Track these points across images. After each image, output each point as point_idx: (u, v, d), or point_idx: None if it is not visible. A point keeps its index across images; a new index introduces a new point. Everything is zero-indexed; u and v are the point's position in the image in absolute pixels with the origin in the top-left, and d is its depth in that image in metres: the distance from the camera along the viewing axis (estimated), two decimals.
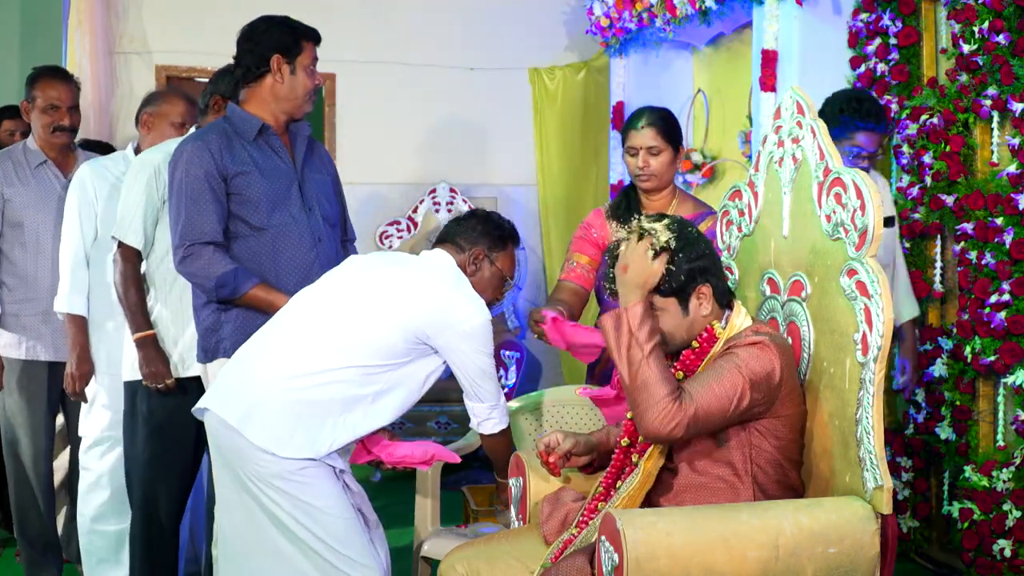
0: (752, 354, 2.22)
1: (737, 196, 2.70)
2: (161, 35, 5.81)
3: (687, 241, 2.30)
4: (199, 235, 2.80)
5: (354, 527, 2.50)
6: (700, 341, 2.33)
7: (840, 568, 2.13)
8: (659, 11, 4.91)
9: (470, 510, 3.81)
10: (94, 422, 3.48)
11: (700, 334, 2.33)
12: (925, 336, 3.87)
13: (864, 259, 2.21)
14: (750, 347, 2.24)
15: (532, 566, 2.39)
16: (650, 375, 2.17)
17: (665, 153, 3.18)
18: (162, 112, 3.49)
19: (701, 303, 2.32)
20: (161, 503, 3.16)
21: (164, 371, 3.08)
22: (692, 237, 2.32)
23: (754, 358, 2.21)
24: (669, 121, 3.22)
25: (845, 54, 4.20)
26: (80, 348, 3.43)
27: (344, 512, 2.49)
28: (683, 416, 2.14)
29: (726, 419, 2.21)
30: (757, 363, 2.21)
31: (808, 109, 2.42)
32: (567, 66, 6.20)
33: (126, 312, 3.14)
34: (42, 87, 3.62)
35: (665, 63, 5.47)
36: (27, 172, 3.63)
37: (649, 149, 3.17)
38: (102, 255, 3.42)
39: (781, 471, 2.29)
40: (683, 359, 2.34)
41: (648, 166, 3.17)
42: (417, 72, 6.05)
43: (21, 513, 3.67)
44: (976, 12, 3.60)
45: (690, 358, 2.33)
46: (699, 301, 2.32)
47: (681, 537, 2.06)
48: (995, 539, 3.41)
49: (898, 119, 3.99)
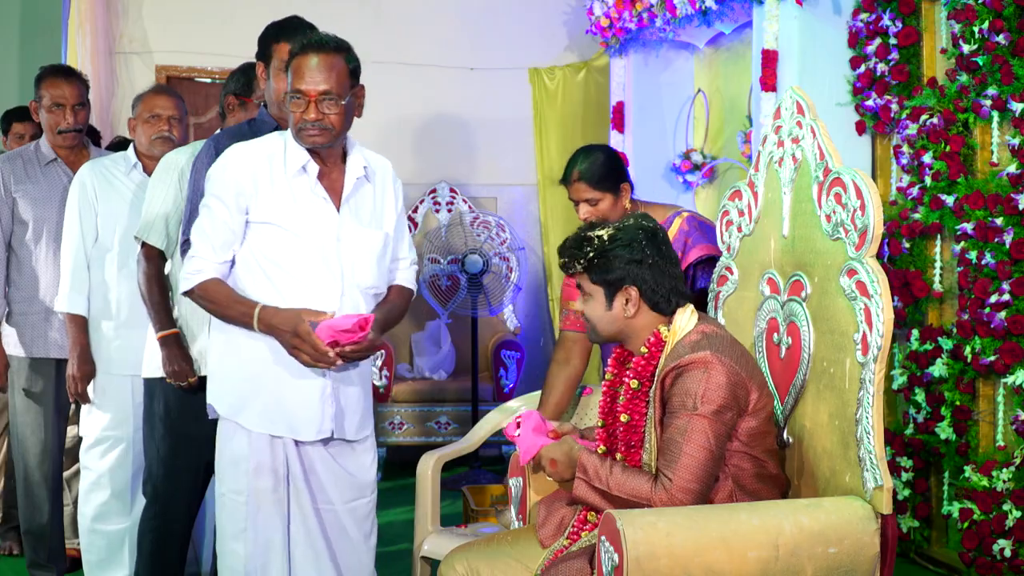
0: (702, 385, 2.19)
1: (737, 196, 2.70)
2: (161, 35, 5.82)
3: (627, 241, 2.32)
4: None
5: (237, 505, 2.57)
6: (648, 346, 2.33)
7: (840, 568, 2.13)
8: (659, 11, 4.91)
9: (470, 510, 3.81)
10: (94, 422, 3.47)
11: (648, 339, 2.34)
12: (925, 336, 3.87)
13: (864, 259, 2.21)
14: (695, 372, 2.21)
15: (531, 566, 2.39)
16: (622, 494, 2.22)
17: (604, 200, 3.06)
18: (139, 114, 3.49)
19: (627, 303, 2.33)
20: (174, 500, 3.15)
21: (187, 369, 3.09)
22: (637, 239, 2.32)
23: (708, 389, 2.19)
24: (598, 169, 3.06)
25: (845, 54, 4.21)
26: (81, 348, 3.43)
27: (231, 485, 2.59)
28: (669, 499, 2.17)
29: (715, 460, 2.21)
30: (713, 393, 2.19)
31: (808, 109, 2.42)
32: (567, 66, 6.20)
33: (150, 311, 3.15)
34: (47, 86, 3.63)
35: (665, 63, 5.48)
36: (37, 170, 3.63)
37: (587, 200, 3.08)
38: (101, 255, 3.43)
39: (757, 463, 2.29)
40: (635, 366, 2.34)
41: (591, 214, 3.08)
42: (417, 72, 6.05)
43: (27, 512, 3.67)
44: (976, 12, 3.60)
45: (640, 364, 2.34)
46: (624, 300, 2.33)
47: (681, 537, 2.06)
48: (995, 539, 3.41)
49: (898, 119, 3.99)
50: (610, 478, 2.23)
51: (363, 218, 2.64)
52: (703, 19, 4.64)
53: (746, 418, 2.26)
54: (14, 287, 3.63)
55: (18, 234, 3.62)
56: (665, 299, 2.33)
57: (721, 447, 2.21)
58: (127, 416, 3.43)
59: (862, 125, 4.20)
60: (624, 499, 2.21)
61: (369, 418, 2.74)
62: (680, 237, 3.05)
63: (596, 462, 2.27)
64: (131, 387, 3.39)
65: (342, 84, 2.53)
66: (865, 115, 4.17)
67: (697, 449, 2.17)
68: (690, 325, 2.32)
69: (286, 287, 2.54)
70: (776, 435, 2.37)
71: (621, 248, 2.32)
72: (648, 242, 2.33)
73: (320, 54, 2.50)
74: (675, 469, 2.17)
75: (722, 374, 2.21)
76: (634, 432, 2.33)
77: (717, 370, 2.20)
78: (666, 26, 4.95)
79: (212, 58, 5.91)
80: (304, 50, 2.51)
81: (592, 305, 2.37)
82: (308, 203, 2.56)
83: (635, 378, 2.33)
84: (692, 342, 2.27)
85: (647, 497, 2.18)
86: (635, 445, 2.33)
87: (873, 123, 4.15)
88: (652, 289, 2.32)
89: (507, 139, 6.21)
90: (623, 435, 2.35)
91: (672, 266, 2.36)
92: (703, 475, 2.18)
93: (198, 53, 5.84)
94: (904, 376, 3.96)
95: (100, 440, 3.46)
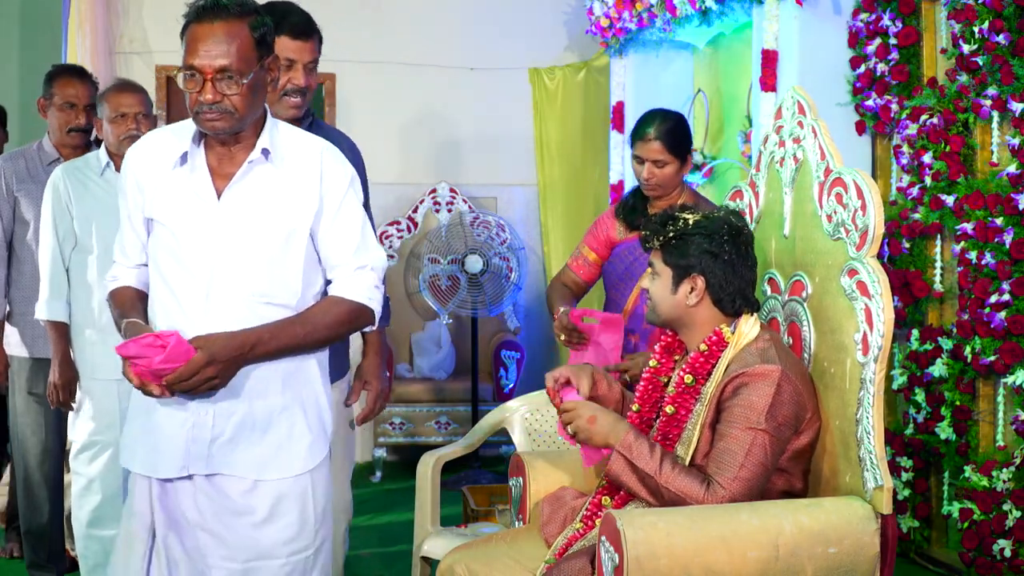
0: (768, 400, 2.18)
1: (738, 196, 2.70)
2: (161, 35, 5.81)
3: (710, 232, 2.30)
4: None
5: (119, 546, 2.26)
6: (709, 344, 2.31)
7: (840, 568, 2.13)
8: (659, 11, 4.91)
9: (470, 510, 3.81)
10: (82, 427, 3.40)
11: (709, 336, 2.32)
12: (925, 336, 3.87)
13: (865, 259, 2.21)
14: (763, 385, 2.19)
15: (530, 566, 2.38)
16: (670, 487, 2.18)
17: (671, 165, 3.18)
18: (106, 114, 3.41)
19: (692, 292, 2.31)
20: None
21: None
22: (719, 232, 2.31)
23: (773, 406, 2.18)
24: (677, 133, 3.21)
25: (845, 54, 4.20)
26: (62, 355, 3.36)
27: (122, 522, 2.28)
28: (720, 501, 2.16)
29: (768, 476, 2.21)
30: (777, 410, 2.19)
31: (809, 109, 2.42)
32: (567, 66, 6.20)
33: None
34: (60, 85, 3.62)
35: (665, 63, 5.47)
36: (39, 169, 3.62)
37: (655, 162, 3.18)
38: (83, 258, 3.36)
39: (787, 481, 2.29)
40: (692, 362, 2.32)
41: (653, 176, 3.19)
42: (417, 72, 6.05)
43: (27, 513, 3.66)
44: (976, 12, 3.59)
45: (699, 361, 2.32)
46: (690, 288, 2.32)
47: (681, 537, 2.06)
48: (995, 539, 3.41)
49: (898, 119, 3.99)
50: (661, 468, 2.19)
51: (255, 209, 2.15)
52: (703, 19, 4.64)
53: (798, 437, 2.26)
54: (15, 287, 3.62)
55: (19, 234, 3.60)
56: (730, 298, 2.31)
57: (775, 464, 2.22)
58: (114, 420, 3.34)
59: (862, 125, 4.20)
60: (671, 492, 2.18)
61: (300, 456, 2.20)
62: None
63: (645, 447, 2.22)
64: (117, 391, 3.32)
65: (245, 58, 2.07)
66: (865, 115, 4.17)
67: (755, 464, 2.17)
68: (754, 332, 2.30)
69: (182, 293, 2.16)
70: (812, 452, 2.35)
71: (702, 237, 2.30)
72: (730, 238, 2.31)
73: (217, 21, 2.05)
74: (731, 480, 2.16)
75: (789, 392, 2.20)
76: (676, 426, 2.31)
77: (785, 388, 2.20)
78: (666, 26, 4.95)
79: None
80: (199, 16, 2.06)
81: (658, 284, 2.35)
82: (184, 195, 2.17)
83: (690, 373, 2.31)
84: (761, 350, 2.25)
85: (697, 499, 2.16)
86: (671, 439, 2.31)
87: (873, 123, 4.15)
88: (720, 285, 2.30)
89: (507, 139, 6.20)
90: (663, 425, 2.33)
91: (747, 269, 2.34)
92: (755, 490, 2.18)
93: None
94: (904, 376, 3.96)
95: (88, 445, 3.38)
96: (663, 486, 2.19)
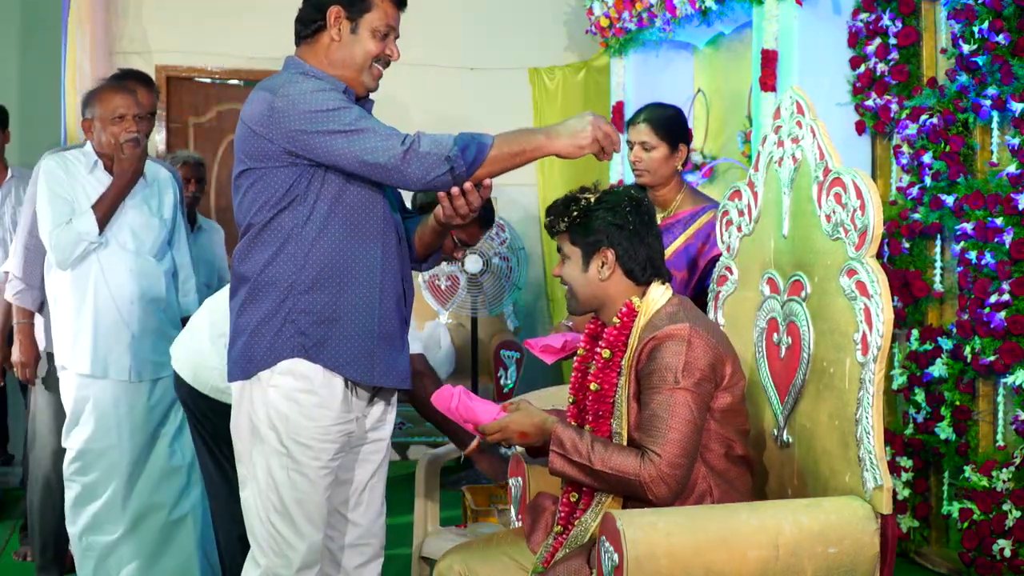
0: (681, 358, 2.19)
1: (737, 196, 2.70)
2: (161, 35, 5.81)
3: (611, 205, 2.33)
4: None
5: None
6: (620, 316, 2.34)
7: (840, 568, 2.13)
8: (659, 11, 4.91)
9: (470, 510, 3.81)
10: (78, 434, 3.34)
11: (620, 309, 2.34)
12: (925, 336, 3.87)
13: (864, 259, 2.20)
14: (674, 344, 2.21)
15: (529, 567, 2.38)
16: (607, 469, 2.18)
17: (659, 149, 3.15)
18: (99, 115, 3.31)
19: (603, 266, 2.33)
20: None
21: None
22: (621, 204, 2.33)
23: (687, 362, 2.19)
24: (667, 118, 3.20)
25: (845, 54, 4.21)
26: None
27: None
28: (659, 474, 2.14)
29: (699, 432, 2.21)
30: (692, 365, 2.20)
31: (808, 109, 2.42)
32: (567, 66, 6.20)
33: None
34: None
35: (665, 63, 5.48)
36: None
37: (642, 144, 3.17)
38: None
39: (725, 443, 2.29)
40: (607, 336, 2.34)
41: (640, 161, 3.17)
42: (417, 72, 6.05)
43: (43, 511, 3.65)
44: (976, 12, 3.60)
45: (612, 334, 2.34)
46: (600, 263, 2.33)
47: (681, 537, 2.06)
48: (995, 539, 3.41)
49: (898, 119, 3.99)
50: (592, 453, 2.21)
51: None
52: (703, 19, 4.64)
53: (721, 393, 2.26)
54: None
55: None
56: (640, 267, 2.34)
57: (703, 419, 2.22)
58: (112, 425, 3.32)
59: (862, 125, 4.20)
60: (609, 474, 2.19)
61: None
62: (705, 230, 3.08)
63: (573, 435, 2.24)
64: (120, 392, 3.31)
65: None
66: (865, 115, 4.17)
67: (682, 423, 2.17)
68: (664, 298, 2.33)
69: None
70: (747, 414, 2.37)
71: (605, 210, 2.33)
72: (632, 209, 2.34)
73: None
74: (663, 444, 2.16)
75: (700, 347, 2.21)
76: (603, 402, 2.32)
77: (696, 343, 2.21)
78: (666, 26, 4.95)
79: (212, 58, 5.91)
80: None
81: (569, 267, 2.38)
82: None
83: (607, 348, 2.33)
84: (669, 313, 2.28)
85: (635, 473, 2.16)
86: (603, 415, 2.32)
87: (873, 123, 4.15)
88: (629, 255, 2.33)
89: None
90: (592, 405, 2.34)
91: (653, 238, 2.37)
92: (690, 448, 2.18)
93: (198, 53, 5.84)
94: (904, 376, 3.96)
95: (84, 453, 3.34)
96: (600, 470, 2.19)
